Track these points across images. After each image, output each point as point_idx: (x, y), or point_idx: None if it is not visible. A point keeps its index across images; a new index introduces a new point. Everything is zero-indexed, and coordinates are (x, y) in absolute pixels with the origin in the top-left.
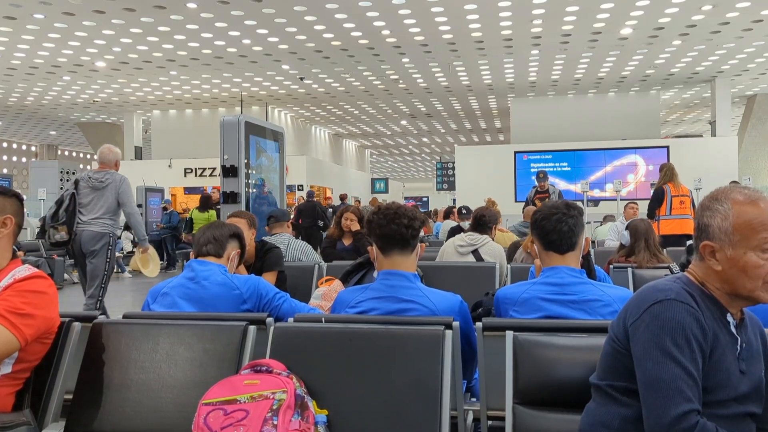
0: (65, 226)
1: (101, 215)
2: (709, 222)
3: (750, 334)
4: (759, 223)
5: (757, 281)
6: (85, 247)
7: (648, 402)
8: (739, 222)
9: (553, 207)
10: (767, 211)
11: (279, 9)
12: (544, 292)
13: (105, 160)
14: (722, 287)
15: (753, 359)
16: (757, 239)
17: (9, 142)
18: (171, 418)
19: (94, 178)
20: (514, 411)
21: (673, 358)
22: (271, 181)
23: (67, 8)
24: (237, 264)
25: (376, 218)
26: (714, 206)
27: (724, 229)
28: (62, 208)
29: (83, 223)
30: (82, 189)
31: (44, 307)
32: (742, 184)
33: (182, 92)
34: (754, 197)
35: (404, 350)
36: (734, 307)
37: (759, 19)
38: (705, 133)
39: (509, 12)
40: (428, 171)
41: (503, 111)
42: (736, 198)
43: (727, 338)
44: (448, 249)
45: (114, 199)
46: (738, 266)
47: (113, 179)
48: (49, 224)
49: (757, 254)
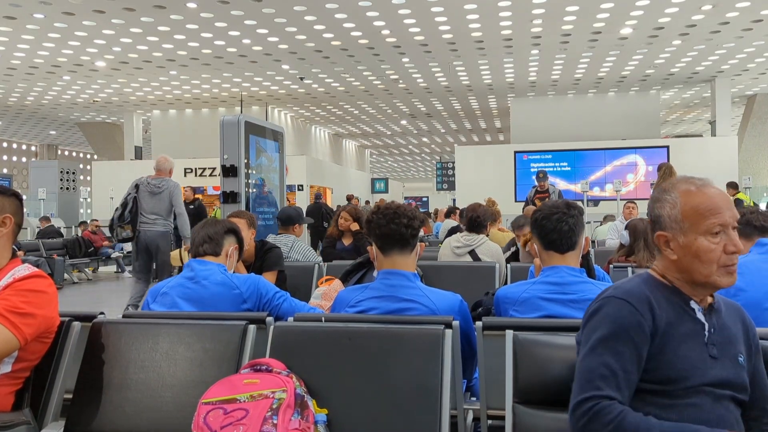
0: (129, 225)
1: (160, 216)
2: (660, 212)
3: (726, 319)
4: (705, 208)
5: (711, 266)
6: (152, 246)
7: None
8: (687, 209)
9: (554, 206)
10: (713, 197)
11: (279, 9)
12: (544, 291)
13: (161, 168)
14: (681, 276)
15: (729, 344)
16: (705, 224)
17: (9, 142)
18: (171, 417)
19: (152, 184)
20: (514, 410)
21: (597, 351)
22: (271, 181)
23: (67, 8)
24: (237, 259)
25: (375, 218)
26: (663, 197)
27: (674, 217)
28: (126, 210)
29: (145, 223)
30: (142, 193)
31: (44, 306)
32: (742, 184)
33: (182, 92)
34: (699, 184)
35: (404, 350)
36: (698, 294)
37: (759, 19)
38: (705, 133)
39: (509, 12)
40: (428, 171)
41: (503, 111)
42: (682, 187)
43: (691, 326)
44: (445, 251)
45: (169, 201)
46: (691, 252)
47: (168, 185)
48: (116, 224)
49: (708, 239)
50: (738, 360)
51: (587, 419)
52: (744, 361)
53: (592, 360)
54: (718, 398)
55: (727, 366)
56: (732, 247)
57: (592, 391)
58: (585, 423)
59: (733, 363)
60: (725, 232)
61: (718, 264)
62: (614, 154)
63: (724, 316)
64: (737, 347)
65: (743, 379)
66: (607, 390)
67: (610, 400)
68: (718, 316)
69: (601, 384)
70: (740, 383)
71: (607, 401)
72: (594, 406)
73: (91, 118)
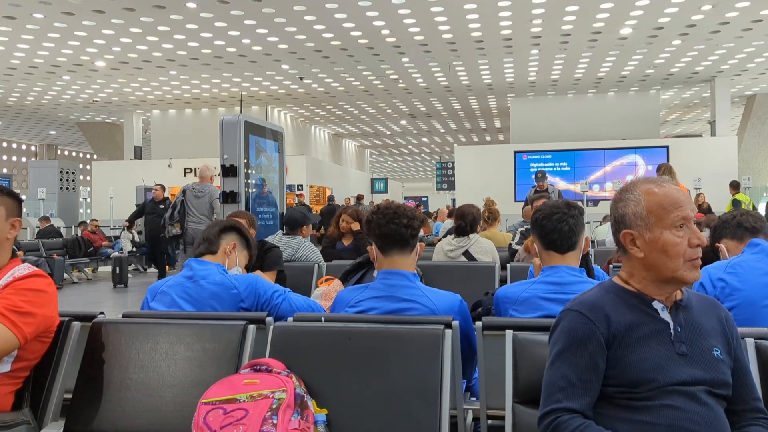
0: (178, 223)
1: (203, 216)
2: (624, 211)
3: (696, 314)
4: (669, 202)
5: (678, 260)
6: (197, 240)
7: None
8: (650, 204)
9: (554, 206)
10: (674, 192)
11: (278, 9)
12: (544, 291)
13: (203, 175)
14: (647, 275)
15: (701, 339)
16: (670, 218)
17: (9, 142)
18: (170, 417)
19: (196, 189)
20: (513, 410)
21: (556, 365)
22: (270, 180)
23: (67, 8)
24: (248, 256)
25: (375, 218)
26: (625, 197)
27: (639, 214)
28: (176, 210)
29: (192, 222)
30: (188, 196)
31: (44, 305)
32: (742, 183)
33: (182, 92)
34: (659, 181)
35: (404, 349)
36: (664, 293)
37: (758, 19)
38: (705, 132)
39: (509, 12)
40: (428, 171)
41: (503, 111)
42: (643, 186)
43: (654, 326)
44: (438, 255)
45: (209, 204)
46: (658, 247)
47: (209, 190)
48: (167, 222)
49: (673, 232)
50: (713, 354)
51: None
52: (721, 354)
53: (552, 374)
54: (693, 396)
55: (699, 362)
56: (696, 240)
57: (552, 404)
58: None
59: (707, 358)
60: (688, 226)
61: (684, 258)
62: (614, 154)
63: (695, 311)
64: (710, 341)
65: (720, 375)
66: (567, 402)
67: (570, 413)
68: (687, 312)
69: (561, 396)
70: (717, 379)
71: (567, 414)
72: (554, 420)
73: (90, 118)
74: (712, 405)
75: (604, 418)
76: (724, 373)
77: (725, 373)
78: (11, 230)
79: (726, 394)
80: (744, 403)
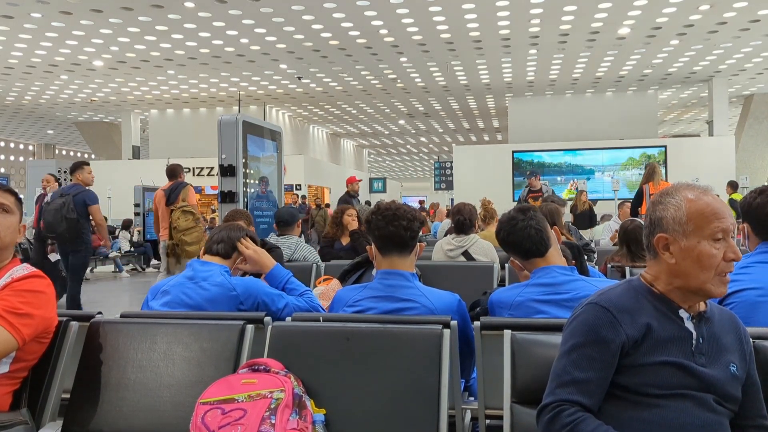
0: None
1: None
2: (662, 215)
3: (717, 328)
4: (711, 212)
5: (710, 272)
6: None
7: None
8: (692, 211)
9: (511, 219)
10: (717, 201)
11: (277, 8)
12: (538, 293)
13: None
14: (674, 282)
15: (720, 354)
16: (710, 228)
17: (6, 141)
18: (169, 417)
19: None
20: (512, 410)
21: (571, 356)
22: (269, 180)
23: (65, 7)
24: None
25: (374, 219)
26: (665, 200)
27: (678, 220)
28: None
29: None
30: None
31: (42, 306)
32: (740, 183)
33: (180, 91)
34: (703, 189)
35: (402, 349)
36: (688, 302)
37: (756, 19)
38: (702, 132)
39: (507, 11)
40: (426, 171)
41: (501, 110)
42: (686, 191)
43: (677, 333)
44: (438, 254)
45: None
46: (692, 257)
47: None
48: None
49: (710, 243)
50: (730, 370)
51: (548, 419)
52: (737, 370)
53: (566, 363)
54: (702, 402)
55: (717, 376)
56: (732, 254)
57: (559, 394)
58: (545, 424)
59: (724, 373)
60: (726, 239)
61: (716, 271)
62: (612, 154)
63: (717, 324)
64: (729, 357)
65: (733, 391)
66: (575, 395)
67: (573, 405)
68: (710, 324)
69: (571, 388)
70: (728, 394)
71: (570, 405)
72: (556, 408)
73: (88, 117)
74: (720, 413)
75: (609, 415)
76: (737, 390)
77: (738, 390)
78: (20, 235)
79: (733, 409)
80: (751, 419)
